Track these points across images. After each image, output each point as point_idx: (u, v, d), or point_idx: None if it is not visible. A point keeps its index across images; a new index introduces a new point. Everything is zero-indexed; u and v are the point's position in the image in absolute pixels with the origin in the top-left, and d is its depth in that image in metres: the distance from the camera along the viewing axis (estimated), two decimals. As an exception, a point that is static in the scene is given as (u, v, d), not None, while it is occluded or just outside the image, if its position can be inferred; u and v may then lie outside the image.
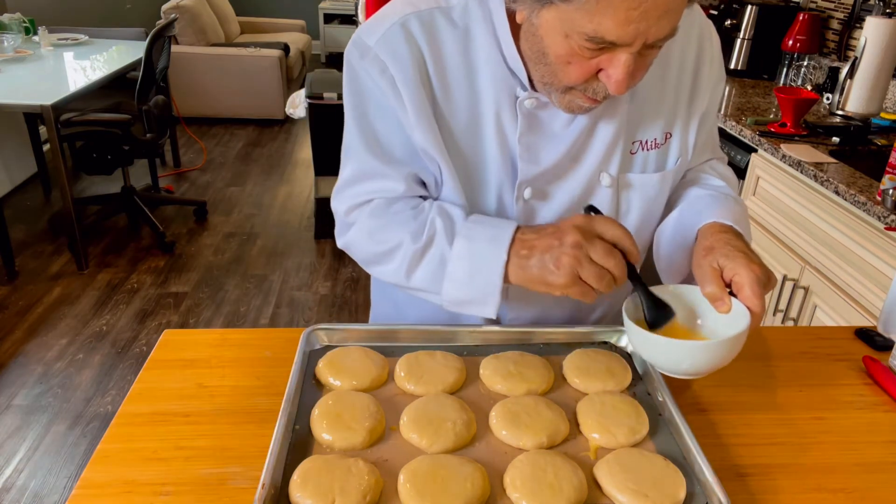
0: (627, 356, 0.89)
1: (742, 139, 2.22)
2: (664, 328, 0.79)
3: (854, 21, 2.54)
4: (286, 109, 3.62)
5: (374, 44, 0.83)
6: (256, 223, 3.68)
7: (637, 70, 0.72)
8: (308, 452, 0.71)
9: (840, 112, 2.28)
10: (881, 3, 2.26)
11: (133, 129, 3.13)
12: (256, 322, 2.81)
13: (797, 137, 2.08)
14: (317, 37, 7.39)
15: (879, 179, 1.65)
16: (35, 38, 3.77)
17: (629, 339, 0.81)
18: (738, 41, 2.90)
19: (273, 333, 0.96)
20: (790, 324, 1.96)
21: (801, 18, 2.64)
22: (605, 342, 0.92)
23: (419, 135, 0.84)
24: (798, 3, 2.89)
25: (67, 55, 3.57)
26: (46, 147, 3.99)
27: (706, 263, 0.81)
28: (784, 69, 2.79)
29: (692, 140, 0.93)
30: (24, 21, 3.79)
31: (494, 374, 0.82)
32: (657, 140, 0.90)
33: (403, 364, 0.83)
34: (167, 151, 4.38)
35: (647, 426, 0.76)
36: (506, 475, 0.69)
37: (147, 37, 3.18)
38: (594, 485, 0.69)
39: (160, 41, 3.27)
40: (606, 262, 0.74)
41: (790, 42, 2.68)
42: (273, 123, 5.35)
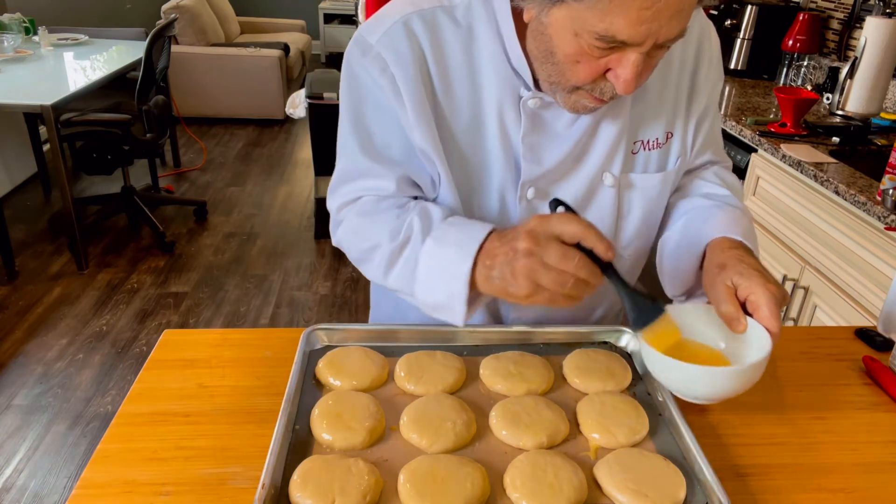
0: (627, 356, 0.89)
1: (742, 139, 2.22)
2: (654, 330, 0.73)
3: (854, 21, 2.54)
4: (286, 109, 3.62)
5: (376, 42, 0.83)
6: (256, 223, 3.68)
7: (645, 70, 0.72)
8: (308, 452, 0.71)
9: (840, 112, 2.28)
10: (881, 3, 2.26)
11: (133, 129, 3.13)
12: (256, 322, 2.81)
13: (797, 137, 2.08)
14: (317, 37, 7.39)
15: (879, 179, 1.65)
16: (35, 38, 3.77)
17: (645, 362, 0.77)
18: (738, 41, 2.90)
19: (273, 333, 0.96)
20: (790, 324, 1.96)
21: (801, 18, 2.64)
22: (605, 342, 0.92)
23: (418, 135, 0.83)
24: (798, 3, 2.89)
25: (67, 55, 3.57)
26: (46, 147, 3.99)
27: (720, 282, 0.79)
28: (784, 69, 2.79)
29: (691, 140, 0.93)
30: (24, 21, 3.79)
31: (494, 375, 0.82)
32: (659, 140, 0.90)
33: (403, 364, 0.83)
34: (167, 151, 4.38)
35: (647, 426, 0.76)
36: (506, 475, 0.69)
37: (147, 37, 3.18)
38: (594, 485, 0.69)
39: (160, 41, 3.27)
40: (565, 266, 0.68)
41: (790, 42, 2.68)
42: (273, 123, 5.35)
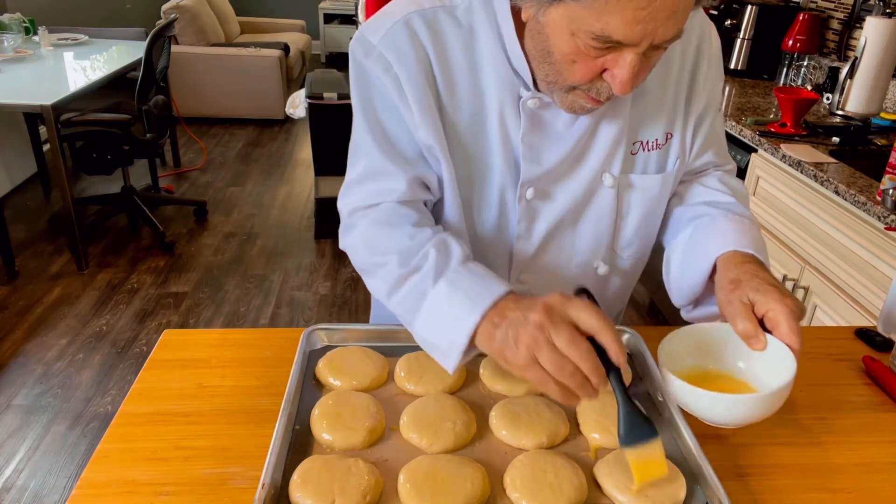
0: (628, 356, 0.89)
1: (742, 139, 2.22)
2: (640, 453, 0.67)
3: (854, 21, 2.54)
4: (286, 109, 3.62)
5: (378, 42, 0.83)
6: (256, 223, 3.68)
7: (641, 71, 0.72)
8: (308, 452, 0.71)
9: (840, 112, 2.28)
10: (881, 3, 2.26)
11: (133, 129, 3.13)
12: (256, 322, 2.81)
13: (797, 137, 2.08)
14: (317, 37, 7.39)
15: (879, 179, 1.65)
16: (35, 38, 3.77)
17: (668, 388, 0.73)
18: (738, 41, 2.90)
19: (273, 333, 0.96)
20: (790, 324, 1.96)
21: (801, 18, 2.64)
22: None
23: (423, 133, 0.83)
24: (798, 3, 2.89)
25: (67, 55, 3.57)
26: (46, 147, 3.99)
27: (735, 299, 0.76)
28: (784, 69, 2.79)
29: (690, 140, 0.93)
30: (24, 21, 3.79)
31: (494, 374, 0.82)
32: (658, 140, 0.90)
33: (403, 364, 0.83)
34: (167, 151, 4.38)
35: (647, 426, 0.75)
36: (506, 475, 0.69)
37: (147, 37, 3.18)
38: (594, 485, 0.69)
39: (160, 41, 3.27)
40: (570, 352, 0.64)
41: (790, 42, 2.68)
42: (273, 123, 5.35)
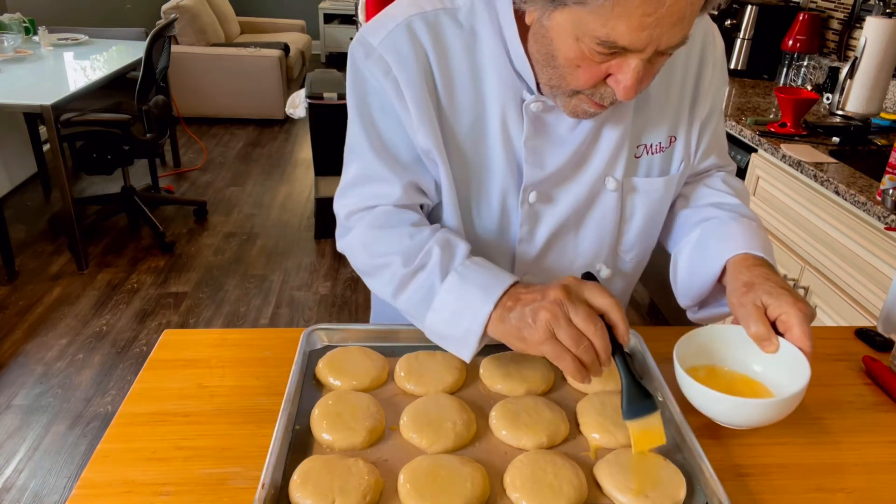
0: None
1: (742, 139, 2.22)
2: (641, 425, 0.70)
3: (854, 21, 2.54)
4: (286, 109, 3.62)
5: (378, 44, 0.82)
6: (256, 223, 3.68)
7: (646, 77, 0.71)
8: (308, 452, 0.71)
9: (840, 112, 2.28)
10: (881, 3, 2.26)
11: (133, 129, 3.13)
12: (256, 322, 2.81)
13: (797, 137, 2.08)
14: (317, 37, 7.39)
15: (879, 179, 1.65)
16: (35, 38, 3.77)
17: (682, 388, 0.77)
18: (738, 41, 2.90)
19: (273, 333, 0.96)
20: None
21: (801, 18, 2.64)
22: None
23: (422, 137, 0.83)
24: (798, 3, 2.89)
25: (67, 55, 3.57)
26: (46, 147, 3.99)
27: (748, 302, 0.78)
28: (784, 69, 2.79)
29: (695, 144, 0.93)
30: (24, 21, 3.79)
31: (494, 374, 0.82)
32: (662, 144, 0.90)
33: (403, 364, 0.83)
34: (167, 151, 4.38)
35: (647, 426, 0.75)
36: (506, 475, 0.69)
37: (147, 37, 3.18)
38: (594, 485, 0.69)
39: (160, 41, 3.27)
40: (586, 328, 0.69)
41: (790, 42, 2.68)
42: (273, 123, 5.35)
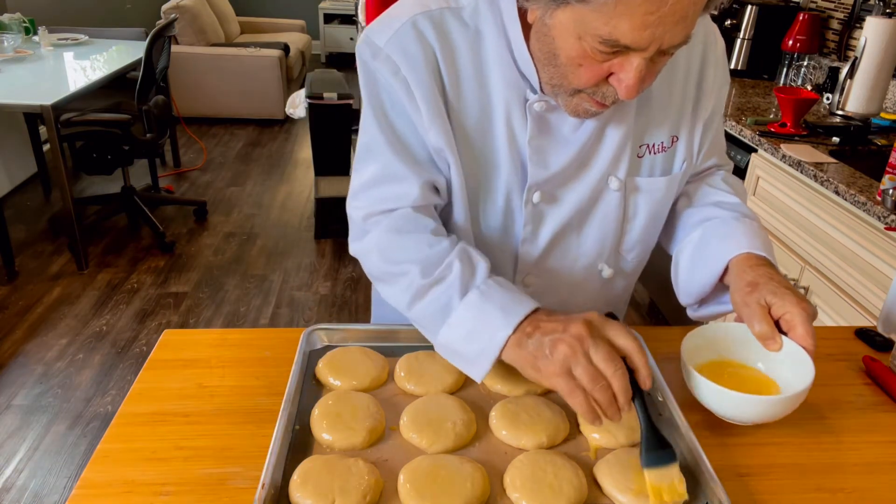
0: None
1: (742, 139, 2.22)
2: (660, 475, 0.67)
3: (854, 21, 2.54)
4: (286, 109, 3.62)
5: (385, 44, 0.81)
6: (256, 223, 3.68)
7: (648, 76, 0.71)
8: (308, 452, 0.71)
9: (840, 112, 2.28)
10: (881, 3, 2.26)
11: (133, 129, 3.13)
12: (256, 322, 2.81)
13: (797, 137, 2.08)
14: (317, 37, 7.39)
15: (879, 179, 1.65)
16: (35, 38, 3.77)
17: (688, 384, 0.78)
18: (738, 41, 2.90)
19: (273, 333, 0.96)
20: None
21: (801, 18, 2.64)
22: (605, 342, 0.92)
23: (433, 135, 0.83)
24: (798, 3, 2.89)
25: (67, 55, 3.57)
26: (46, 147, 3.99)
27: (753, 301, 0.79)
28: (784, 69, 2.79)
29: (697, 144, 0.93)
30: (24, 21, 3.79)
31: (494, 375, 0.82)
32: (664, 144, 0.90)
33: (403, 364, 0.83)
34: (167, 151, 4.38)
35: (647, 426, 0.75)
36: (506, 475, 0.69)
37: (147, 37, 3.18)
38: (594, 485, 0.69)
39: (160, 41, 3.27)
40: (606, 367, 0.67)
41: (790, 42, 2.68)
42: (273, 123, 5.35)
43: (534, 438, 0.73)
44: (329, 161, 3.63)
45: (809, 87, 2.66)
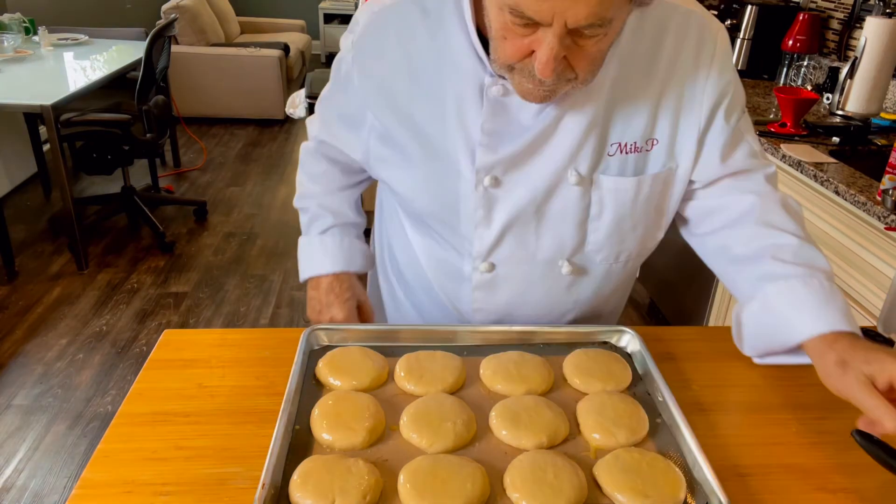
0: (627, 356, 0.89)
1: (742, 139, 2.21)
2: None
3: (854, 21, 2.54)
4: (286, 109, 3.62)
5: (357, 33, 0.89)
6: (256, 223, 3.68)
7: (575, 58, 0.71)
8: (308, 452, 0.71)
9: (840, 112, 2.28)
10: (881, 3, 2.26)
11: (133, 129, 3.13)
12: (256, 322, 2.81)
13: (797, 137, 2.08)
14: (317, 37, 7.38)
15: (879, 179, 1.65)
16: (35, 38, 3.77)
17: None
18: (738, 41, 2.90)
19: (273, 333, 0.96)
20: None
21: (801, 18, 2.64)
22: (606, 342, 0.92)
23: (385, 118, 0.88)
24: (798, 3, 2.89)
25: (67, 55, 3.57)
26: (46, 147, 3.99)
27: (852, 382, 0.72)
28: (784, 69, 2.79)
29: (687, 148, 0.88)
30: (24, 21, 3.79)
31: (494, 374, 0.82)
32: (637, 144, 0.87)
33: (403, 364, 0.83)
34: (167, 151, 4.38)
35: (647, 426, 0.76)
36: (506, 475, 0.69)
37: (147, 37, 3.18)
38: (594, 485, 0.69)
39: (160, 41, 3.27)
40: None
41: (790, 42, 2.68)
42: (273, 123, 5.35)
43: (534, 438, 0.73)
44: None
45: (809, 87, 2.66)
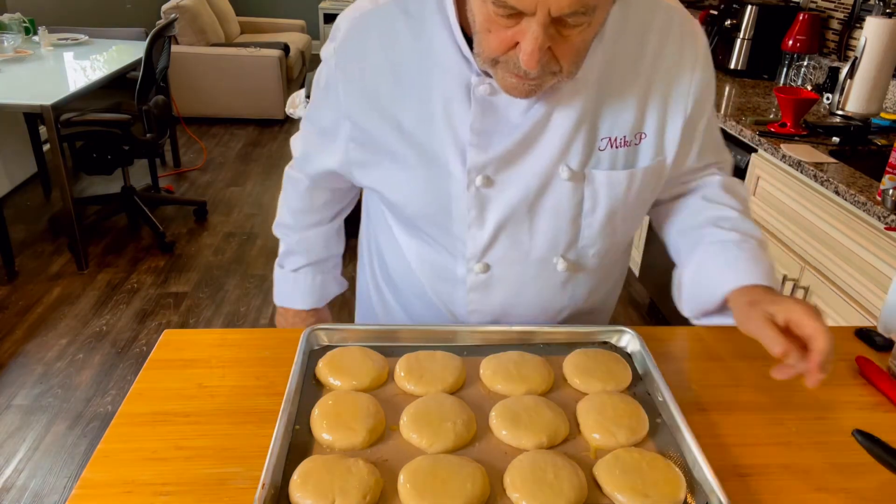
0: (627, 356, 0.89)
1: (742, 139, 2.22)
2: None
3: (854, 21, 2.54)
4: (286, 109, 3.62)
5: (338, 41, 0.88)
6: (256, 223, 3.68)
7: (559, 50, 0.71)
8: (308, 452, 0.71)
9: (840, 112, 2.28)
10: (881, 3, 2.26)
11: (133, 129, 3.13)
12: (256, 322, 2.81)
13: (797, 137, 2.08)
14: (317, 37, 7.39)
15: (879, 179, 1.65)
16: (35, 38, 3.77)
17: None
18: (738, 41, 2.90)
19: (273, 333, 0.96)
20: (790, 324, 1.96)
21: (801, 18, 2.64)
22: (605, 342, 0.92)
23: (371, 126, 0.87)
24: (798, 3, 2.89)
25: (67, 55, 3.57)
26: (46, 147, 3.99)
27: (755, 316, 0.79)
28: (784, 69, 2.79)
29: (676, 143, 0.90)
30: (24, 21, 3.79)
31: (494, 374, 0.82)
32: (626, 138, 0.87)
33: (403, 364, 0.83)
34: (167, 151, 4.38)
35: (647, 426, 0.76)
36: (506, 475, 0.69)
37: (147, 37, 3.18)
38: (594, 485, 0.69)
39: (160, 41, 3.27)
40: None
41: (790, 42, 2.68)
42: (273, 123, 5.35)
43: (534, 438, 0.73)
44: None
45: (809, 87, 2.66)
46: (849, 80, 2.22)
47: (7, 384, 2.34)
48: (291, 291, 1.17)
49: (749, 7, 2.84)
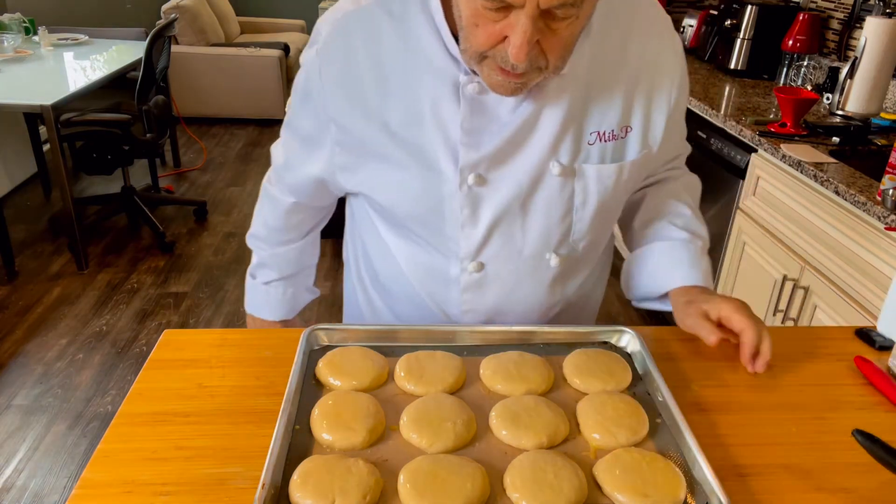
0: (627, 356, 0.89)
1: (742, 139, 2.22)
2: None
3: (854, 21, 2.54)
4: (286, 109, 3.62)
5: (320, 44, 0.86)
6: (256, 223, 3.67)
7: (547, 44, 0.71)
8: (308, 452, 0.71)
9: (840, 112, 2.28)
10: (881, 3, 2.26)
11: (133, 129, 3.13)
12: (256, 322, 2.81)
13: (797, 137, 2.08)
14: (317, 37, 7.38)
15: (879, 179, 1.65)
16: (35, 38, 3.77)
17: None
18: (738, 41, 2.90)
19: (273, 333, 0.96)
20: (790, 324, 1.96)
21: (801, 18, 2.64)
22: (605, 342, 0.92)
23: (357, 133, 0.87)
24: (798, 3, 2.89)
25: (67, 55, 3.57)
26: (46, 147, 3.99)
27: (692, 312, 0.90)
28: (784, 69, 2.79)
29: (659, 135, 0.92)
30: (24, 21, 3.79)
31: (494, 374, 0.82)
32: (614, 132, 0.89)
33: (403, 364, 0.83)
34: (167, 151, 4.38)
35: (647, 426, 0.76)
36: (506, 475, 0.69)
37: (147, 37, 3.18)
38: (594, 485, 0.69)
39: (160, 41, 3.27)
40: None
41: (790, 42, 2.68)
42: (273, 123, 5.35)
43: (534, 438, 0.73)
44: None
45: (809, 87, 2.66)
46: (849, 80, 2.22)
47: (7, 384, 2.34)
48: (262, 303, 1.17)
49: (749, 7, 2.84)
